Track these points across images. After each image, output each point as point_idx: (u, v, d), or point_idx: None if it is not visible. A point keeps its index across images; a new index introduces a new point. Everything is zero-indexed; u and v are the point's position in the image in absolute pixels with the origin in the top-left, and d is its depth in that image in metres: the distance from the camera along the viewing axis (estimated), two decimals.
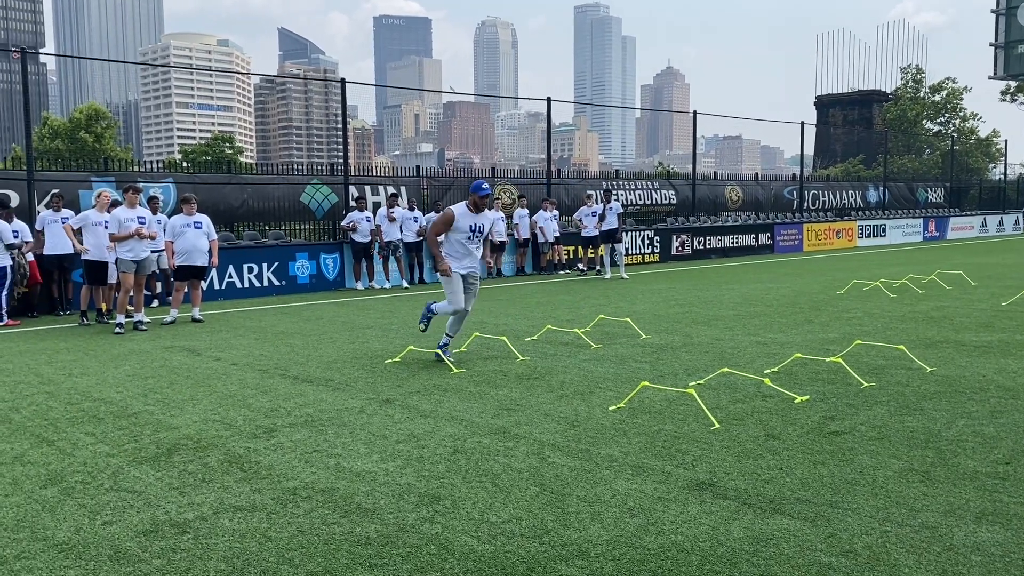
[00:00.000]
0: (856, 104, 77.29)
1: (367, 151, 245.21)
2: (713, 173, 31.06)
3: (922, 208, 35.52)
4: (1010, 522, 3.83)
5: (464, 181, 20.97)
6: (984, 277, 16.02)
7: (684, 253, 22.90)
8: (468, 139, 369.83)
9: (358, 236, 16.05)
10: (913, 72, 65.69)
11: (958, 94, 61.62)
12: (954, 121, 61.65)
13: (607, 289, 15.32)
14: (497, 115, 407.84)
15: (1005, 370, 7.23)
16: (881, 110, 68.83)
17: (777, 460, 4.82)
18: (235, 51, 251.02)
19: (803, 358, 7.74)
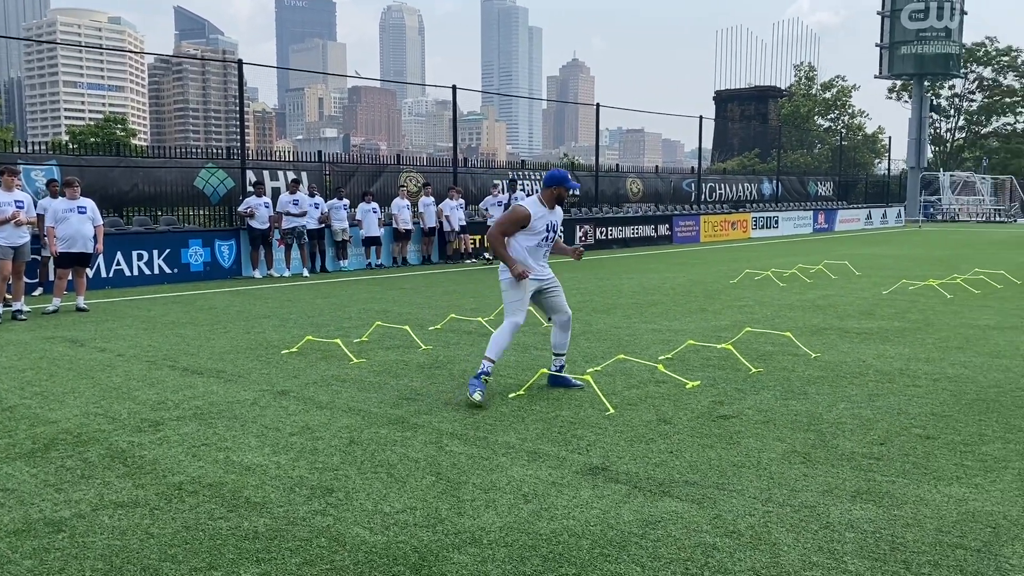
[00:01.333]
0: (753, 99, 79.88)
1: (268, 135, 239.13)
2: (616, 165, 31.57)
3: (812, 201, 37.01)
4: (882, 500, 4.03)
5: (369, 168, 20.67)
6: (867, 267, 16.82)
7: (586, 243, 23.21)
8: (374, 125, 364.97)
9: (256, 222, 15.64)
10: (806, 70, 68.34)
11: (847, 92, 64.49)
12: (843, 118, 64.49)
13: None
14: (404, 102, 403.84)
15: (883, 355, 7.61)
16: (776, 106, 71.38)
17: (668, 444, 4.94)
18: (127, 29, 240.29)
19: (696, 345, 7.96)
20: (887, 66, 46.85)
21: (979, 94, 62.27)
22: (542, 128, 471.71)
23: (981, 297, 11.79)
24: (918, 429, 5.23)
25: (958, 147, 63.90)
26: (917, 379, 6.64)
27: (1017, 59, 60.33)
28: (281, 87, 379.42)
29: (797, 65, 70.60)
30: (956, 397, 6.06)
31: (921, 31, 44.72)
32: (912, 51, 45.20)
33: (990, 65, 61.02)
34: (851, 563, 3.34)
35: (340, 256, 17.45)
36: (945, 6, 44.22)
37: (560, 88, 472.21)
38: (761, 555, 3.42)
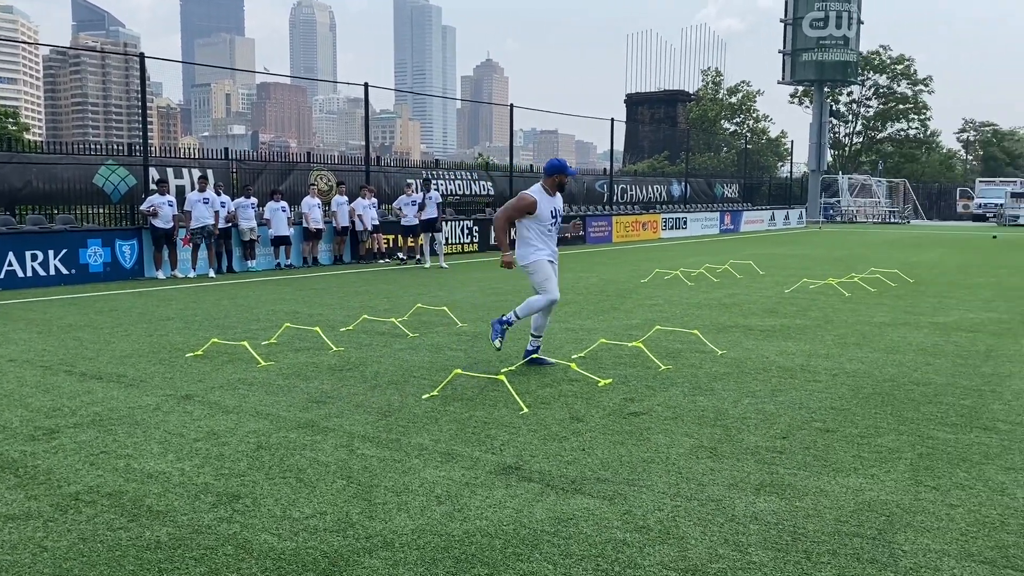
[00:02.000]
0: (663, 103, 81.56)
1: (173, 131, 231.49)
2: (530, 166, 31.77)
3: (719, 203, 38.05)
4: (784, 492, 4.17)
5: (278, 166, 20.24)
6: (771, 267, 17.40)
7: None
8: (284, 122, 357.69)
9: (159, 221, 15.11)
10: (713, 75, 70.20)
11: (752, 97, 66.55)
12: (748, 122, 66.52)
13: (426, 278, 15.31)
14: (315, 99, 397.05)
15: (785, 352, 7.88)
16: (685, 109, 73.08)
17: (580, 441, 4.99)
18: (20, 18, 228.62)
19: (607, 343, 8.08)
20: (789, 72, 48.54)
21: (875, 100, 65.18)
22: (456, 128, 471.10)
23: (877, 295, 12.34)
24: (818, 423, 5.43)
25: (856, 151, 66.71)
26: (817, 374, 6.90)
27: (910, 68, 63.41)
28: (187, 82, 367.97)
29: (705, 70, 72.50)
30: (854, 391, 6.31)
31: (821, 39, 46.50)
32: (813, 58, 46.96)
33: (885, 73, 63.93)
34: (755, 554, 3.44)
35: (248, 256, 17.03)
36: (843, 15, 46.10)
37: (474, 88, 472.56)
38: (669, 549, 3.49)
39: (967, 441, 5.04)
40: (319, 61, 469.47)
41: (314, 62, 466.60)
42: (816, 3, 45.89)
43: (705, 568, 3.31)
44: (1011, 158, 73.55)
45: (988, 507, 3.97)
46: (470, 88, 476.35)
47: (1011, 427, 5.35)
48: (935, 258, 20.13)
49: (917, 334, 8.89)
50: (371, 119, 22.09)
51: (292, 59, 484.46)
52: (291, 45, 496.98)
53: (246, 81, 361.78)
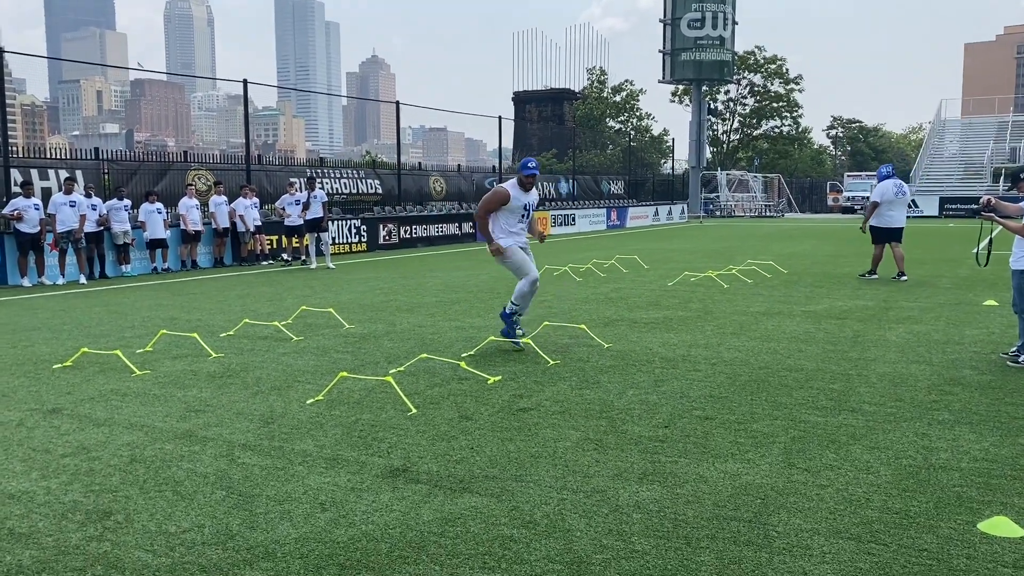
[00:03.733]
0: (549, 101, 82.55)
1: (39, 130, 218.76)
2: (419, 163, 31.58)
3: (606, 199, 38.83)
4: (666, 480, 4.28)
5: (153, 166, 19.39)
6: (655, 261, 17.88)
7: (391, 242, 23.07)
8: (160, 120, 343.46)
9: (25, 226, 14.23)
10: (598, 73, 71.52)
11: (635, 95, 68.18)
12: (632, 120, 68.13)
13: (312, 279, 14.99)
14: (193, 96, 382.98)
15: (668, 343, 8.11)
16: (571, 108, 74.19)
17: (469, 440, 4.99)
18: None
19: (497, 340, 8.11)
20: (670, 71, 49.93)
21: (751, 99, 67.84)
22: (343, 125, 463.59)
23: (753, 286, 12.85)
24: (698, 411, 5.61)
25: (733, 148, 69.31)
26: (697, 364, 7.12)
27: (782, 67, 66.30)
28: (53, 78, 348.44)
29: (590, 69, 73.75)
30: (731, 379, 6.55)
31: (699, 39, 48.03)
32: (691, 58, 48.46)
33: (759, 72, 66.62)
34: (638, 543, 3.52)
35: (122, 261, 16.25)
36: (719, 16, 47.75)
37: (360, 85, 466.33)
38: (555, 542, 3.52)
39: (836, 423, 5.30)
40: (197, 57, 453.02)
41: (191, 58, 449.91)
42: (693, 4, 47.37)
43: (590, 559, 3.36)
44: (876, 153, 78.01)
45: (855, 486, 4.19)
46: (356, 85, 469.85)
47: (876, 408, 5.67)
48: (807, 249, 21.13)
49: (790, 323, 9.30)
50: (252, 117, 21.48)
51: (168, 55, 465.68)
52: (167, 40, 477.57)
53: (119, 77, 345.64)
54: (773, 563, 3.32)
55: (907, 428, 5.19)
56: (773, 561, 3.34)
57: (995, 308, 10.22)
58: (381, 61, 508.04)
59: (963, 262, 16.79)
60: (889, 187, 13.35)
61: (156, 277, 15.98)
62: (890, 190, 13.36)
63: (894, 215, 13.39)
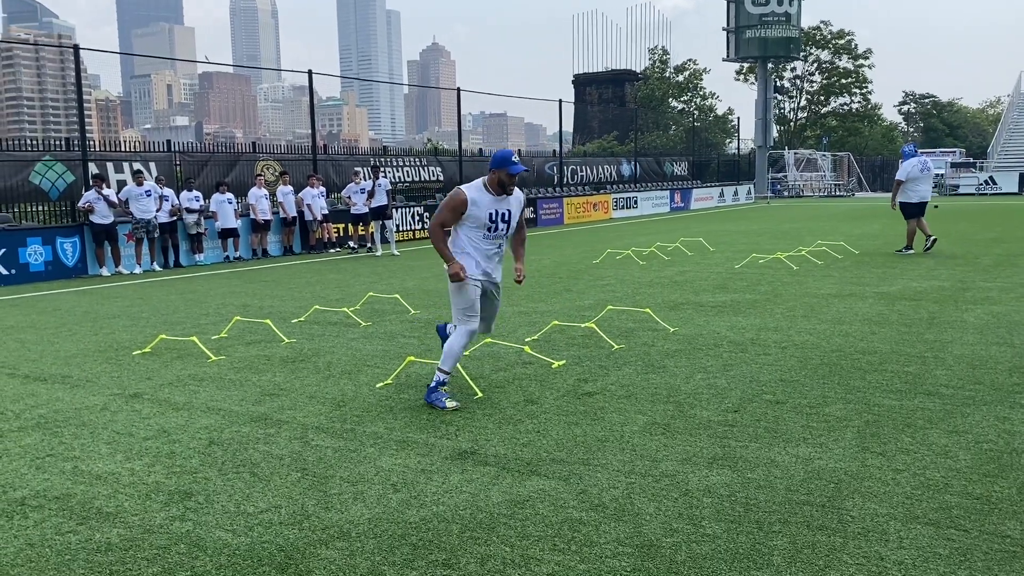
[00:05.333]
0: (610, 83, 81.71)
1: (114, 124, 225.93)
2: (479, 150, 31.69)
3: (669, 181, 38.37)
4: (736, 464, 4.23)
5: (222, 157, 19.88)
6: (721, 243, 17.61)
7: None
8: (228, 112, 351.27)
9: (97, 217, 14.75)
10: (660, 54, 70.53)
11: (699, 75, 67.04)
12: (695, 100, 67.04)
13: (378, 266, 15.20)
14: (260, 87, 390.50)
15: (736, 327, 8.00)
16: (632, 89, 73.36)
17: (535, 424, 5.01)
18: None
19: (561, 325, 8.11)
20: (734, 49, 48.99)
21: (818, 75, 66.10)
22: (404, 113, 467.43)
23: (823, 267, 12.57)
24: (768, 395, 5.53)
25: (801, 126, 67.69)
26: (767, 348, 7.01)
27: (851, 43, 64.40)
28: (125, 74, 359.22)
29: (651, 49, 72.77)
30: (802, 363, 6.43)
31: (764, 16, 46.99)
32: (756, 35, 47.45)
33: (826, 48, 64.84)
34: (708, 527, 3.50)
35: (195, 250, 16.73)
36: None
37: (421, 73, 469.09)
38: (625, 526, 3.53)
39: (911, 407, 5.17)
40: (262, 49, 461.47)
41: (257, 50, 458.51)
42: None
43: (660, 543, 3.36)
44: (950, 129, 75.31)
45: (932, 470, 4.09)
46: (417, 73, 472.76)
47: (953, 391, 5.51)
48: (879, 229, 20.55)
49: (863, 304, 9.08)
50: (317, 107, 21.81)
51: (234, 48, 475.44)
52: (232, 33, 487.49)
53: (187, 71, 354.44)
54: (848, 548, 3.27)
55: (987, 411, 5.03)
56: (848, 546, 3.28)
57: None
58: (441, 48, 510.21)
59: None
60: (915, 164, 14.29)
61: (228, 265, 16.40)
62: (916, 167, 14.28)
63: (921, 190, 14.31)
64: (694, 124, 53.23)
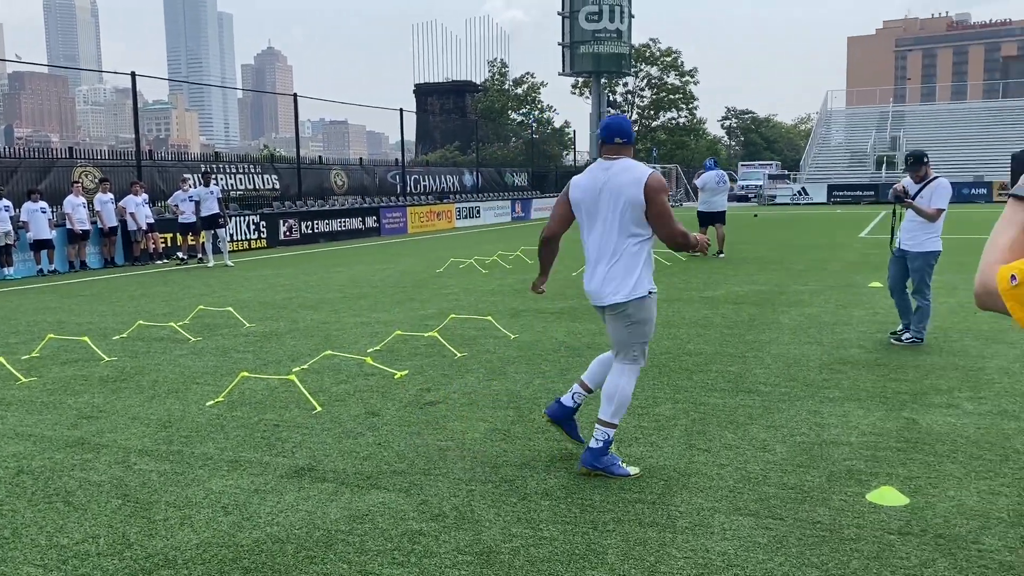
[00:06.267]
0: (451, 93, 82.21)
1: None
2: (319, 157, 31.01)
3: (510, 191, 39.01)
4: (572, 466, 4.33)
5: (36, 163, 18.39)
6: (561, 251, 18.02)
7: (292, 238, 22.58)
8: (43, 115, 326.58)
9: None
10: (499, 66, 71.67)
11: (537, 88, 68.65)
12: (534, 112, 68.56)
13: (209, 278, 14.53)
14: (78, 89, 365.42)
15: (573, 332, 8.21)
16: (473, 100, 74.15)
17: (376, 436, 4.94)
18: None
19: (403, 335, 8.05)
20: (569, 64, 50.46)
21: (648, 91, 69.24)
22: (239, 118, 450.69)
23: (656, 271, 13.14)
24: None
25: None
26: (601, 351, 7.23)
27: (677, 60, 67.89)
28: None
29: (491, 61, 73.83)
30: None
31: (597, 32, 48.71)
32: (590, 50, 49.10)
33: (656, 64, 68.05)
34: (546, 530, 3.56)
35: (4, 263, 15.39)
36: (615, 9, 48.51)
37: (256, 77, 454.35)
38: (465, 534, 3.53)
39: (734, 404, 5.49)
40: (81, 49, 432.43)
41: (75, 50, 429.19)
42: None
43: (499, 548, 3.38)
44: (768, 143, 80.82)
45: (752, 463, 4.35)
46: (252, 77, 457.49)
47: (771, 388, 5.89)
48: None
49: (689, 308, 9.56)
50: (142, 110, 20.64)
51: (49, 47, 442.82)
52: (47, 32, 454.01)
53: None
54: (676, 542, 3.42)
55: (800, 406, 5.41)
56: (676, 540, 3.43)
57: (880, 290, 10.75)
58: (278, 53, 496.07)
59: (850, 246, 17.59)
60: (712, 177, 15.98)
61: (42, 280, 15.20)
62: (712, 180, 15.95)
63: (715, 201, 15.97)
64: (533, 136, 54.40)
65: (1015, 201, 1.80)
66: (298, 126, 26.02)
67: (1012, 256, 1.72)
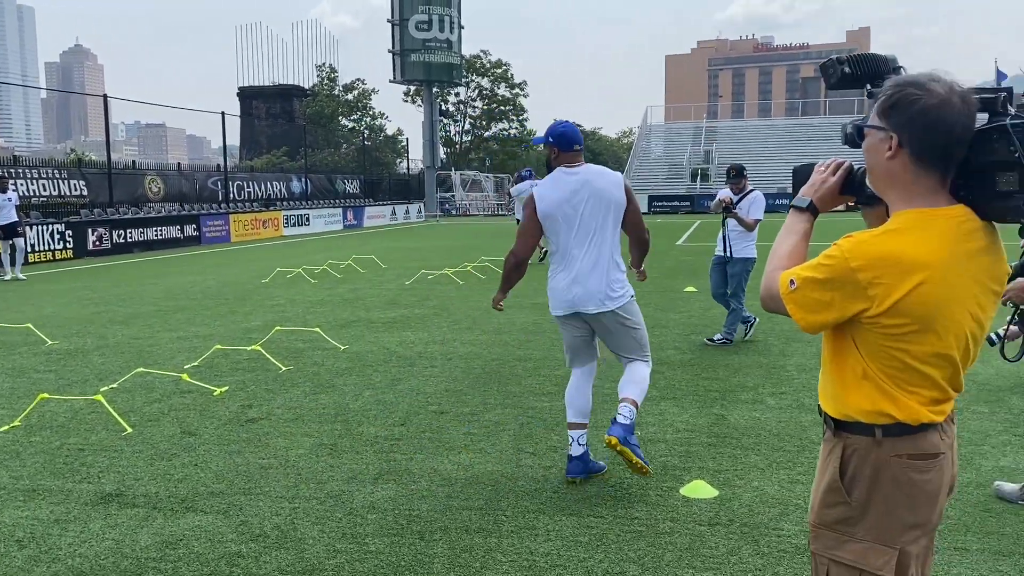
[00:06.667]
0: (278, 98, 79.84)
1: None
2: (133, 162, 29.21)
3: (341, 199, 38.34)
4: (401, 477, 4.30)
5: None
6: (393, 260, 17.94)
7: (102, 248, 21.11)
8: None
9: None
10: (328, 71, 70.38)
11: (368, 95, 67.93)
12: (366, 119, 67.82)
13: (6, 291, 13.33)
14: None
15: (405, 342, 8.16)
16: (302, 105, 72.38)
17: (192, 457, 4.69)
18: None
19: (224, 349, 7.71)
20: (400, 72, 50.28)
21: (480, 101, 70.12)
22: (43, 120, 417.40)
23: (487, 281, 13.30)
24: (434, 406, 5.70)
25: (466, 149, 71.25)
26: (434, 360, 7.24)
27: (508, 72, 69.19)
28: None
29: (319, 66, 72.35)
30: (466, 373, 6.73)
31: (427, 41, 48.82)
32: (421, 59, 49.13)
33: (487, 76, 69.06)
34: (372, 543, 3.50)
35: None
36: (445, 19, 48.84)
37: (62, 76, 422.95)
38: (287, 553, 3.42)
39: (560, 407, 5.61)
40: None
41: None
42: (420, 6, 48.02)
43: (323, 565, 3.30)
44: (594, 155, 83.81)
45: None
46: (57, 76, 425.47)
47: (595, 390, 6.07)
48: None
49: (521, 315, 9.74)
50: None
51: None
52: None
53: None
54: (502, 547, 3.46)
55: None
56: (502, 545, 3.47)
57: (695, 294, 11.39)
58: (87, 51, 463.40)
59: (668, 254, 18.54)
60: (526, 187, 16.16)
61: None
62: (527, 190, 16.14)
63: None
64: (364, 143, 53.77)
65: (795, 212, 1.95)
66: (109, 128, 24.40)
67: (792, 262, 1.86)
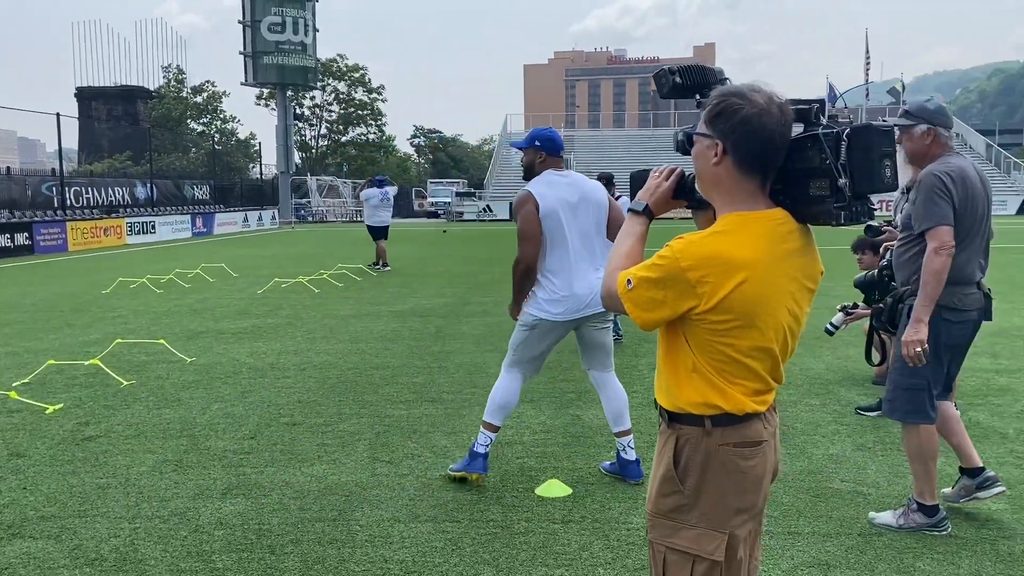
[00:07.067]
0: (121, 99, 75.81)
1: None
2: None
3: (190, 205, 36.72)
4: (251, 492, 4.16)
5: None
6: (244, 268, 17.34)
7: None
8: None
9: None
10: (175, 72, 67.40)
11: (218, 97, 65.48)
12: (216, 122, 65.35)
13: None
14: None
15: (256, 352, 7.91)
16: (147, 107, 69.01)
17: (21, 480, 4.37)
18: None
19: (58, 364, 7.23)
20: (252, 74, 48.75)
21: (336, 106, 68.96)
22: None
23: (344, 289, 13.08)
24: (286, 418, 5.55)
25: (323, 153, 69.88)
26: (286, 371, 7.05)
27: (365, 76, 68.39)
28: None
29: (165, 67, 69.20)
30: (320, 383, 6.59)
31: (280, 43, 47.56)
32: (274, 61, 47.81)
33: (344, 80, 68.00)
34: (219, 560, 3.38)
35: None
36: (299, 21, 47.75)
37: None
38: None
39: (418, 414, 5.61)
40: None
41: None
42: (273, 7, 46.78)
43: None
44: (455, 161, 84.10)
45: (433, 471, 4.47)
46: None
47: (453, 396, 6.10)
48: (396, 252, 22.05)
49: (378, 323, 9.64)
50: None
51: None
52: None
53: None
54: (356, 556, 3.41)
55: (479, 412, 5.65)
56: (356, 555, 3.43)
57: None
58: None
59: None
60: (375, 194, 16.67)
61: None
62: (375, 196, 16.66)
63: (382, 216, 16.61)
64: (214, 147, 51.77)
65: (632, 215, 2.03)
66: None
67: (630, 263, 1.94)
